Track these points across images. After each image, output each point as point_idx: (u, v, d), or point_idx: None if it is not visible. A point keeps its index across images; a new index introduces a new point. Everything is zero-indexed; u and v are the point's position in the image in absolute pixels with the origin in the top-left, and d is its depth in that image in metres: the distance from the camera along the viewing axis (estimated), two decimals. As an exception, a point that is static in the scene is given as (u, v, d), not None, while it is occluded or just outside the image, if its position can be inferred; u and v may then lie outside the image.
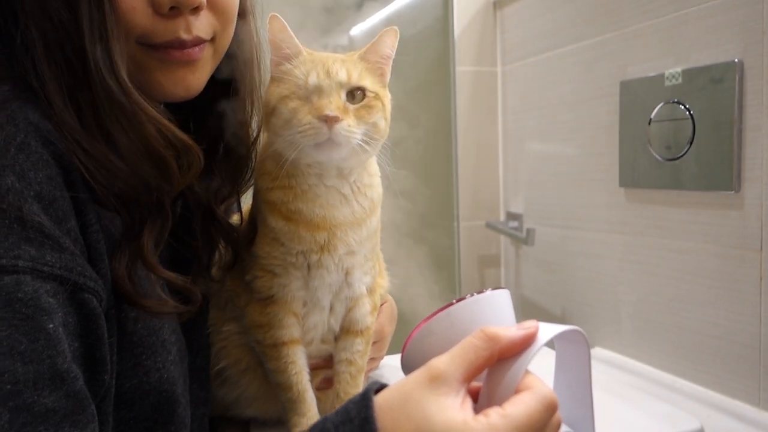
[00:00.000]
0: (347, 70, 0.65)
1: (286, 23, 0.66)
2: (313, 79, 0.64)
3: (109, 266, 0.51)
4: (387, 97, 0.70)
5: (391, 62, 0.70)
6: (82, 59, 0.50)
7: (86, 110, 0.51)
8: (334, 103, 0.63)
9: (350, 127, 0.64)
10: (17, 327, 0.42)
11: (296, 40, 0.67)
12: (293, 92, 0.65)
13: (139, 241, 0.54)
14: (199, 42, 0.58)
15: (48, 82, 0.50)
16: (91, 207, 0.50)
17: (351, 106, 0.65)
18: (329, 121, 0.62)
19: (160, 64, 0.57)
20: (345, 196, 0.69)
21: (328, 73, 0.64)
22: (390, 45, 0.69)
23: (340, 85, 0.65)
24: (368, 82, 0.67)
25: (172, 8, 0.54)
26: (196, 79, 0.60)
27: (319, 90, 0.64)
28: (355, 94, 0.66)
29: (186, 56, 0.58)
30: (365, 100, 0.66)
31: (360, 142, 0.65)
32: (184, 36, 0.56)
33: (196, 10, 0.56)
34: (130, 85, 0.52)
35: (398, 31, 0.69)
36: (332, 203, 0.69)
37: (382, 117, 0.68)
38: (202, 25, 0.58)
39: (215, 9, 0.59)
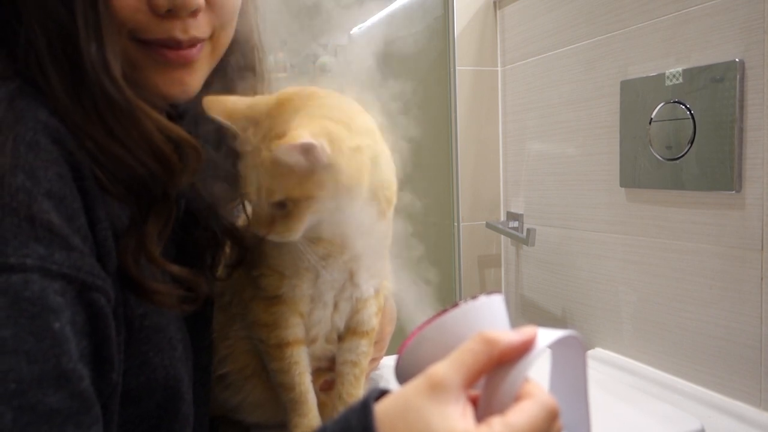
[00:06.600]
0: (267, 186, 0.62)
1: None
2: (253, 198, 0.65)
3: (117, 261, 0.51)
4: (316, 193, 0.62)
5: (317, 164, 0.60)
6: (80, 57, 0.50)
7: (88, 106, 0.51)
8: (260, 222, 0.65)
9: (281, 233, 0.64)
10: (23, 326, 0.42)
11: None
12: None
13: (143, 231, 0.54)
14: (195, 42, 0.57)
15: (52, 79, 0.50)
16: (100, 204, 0.50)
17: (279, 214, 0.64)
18: (262, 234, 0.65)
19: (156, 65, 0.56)
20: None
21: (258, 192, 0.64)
22: (293, 160, 0.59)
23: (266, 203, 0.64)
24: (288, 190, 0.62)
25: (169, 10, 0.54)
26: (193, 79, 0.59)
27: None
28: (280, 204, 0.63)
29: (182, 58, 0.57)
30: (288, 209, 0.63)
31: (307, 227, 0.64)
32: (180, 36, 0.55)
33: (194, 13, 0.55)
34: (122, 82, 0.52)
35: (295, 145, 0.57)
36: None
37: (317, 209, 0.63)
38: (200, 25, 0.57)
39: (214, 7, 0.58)
